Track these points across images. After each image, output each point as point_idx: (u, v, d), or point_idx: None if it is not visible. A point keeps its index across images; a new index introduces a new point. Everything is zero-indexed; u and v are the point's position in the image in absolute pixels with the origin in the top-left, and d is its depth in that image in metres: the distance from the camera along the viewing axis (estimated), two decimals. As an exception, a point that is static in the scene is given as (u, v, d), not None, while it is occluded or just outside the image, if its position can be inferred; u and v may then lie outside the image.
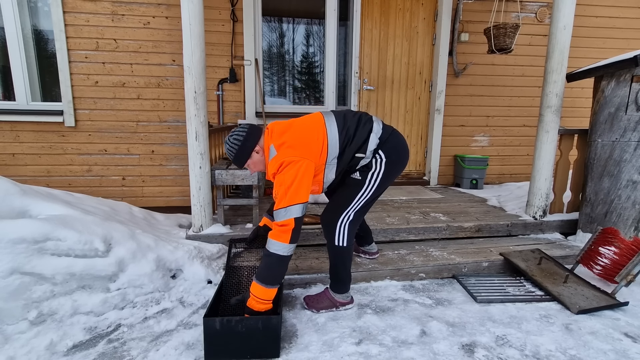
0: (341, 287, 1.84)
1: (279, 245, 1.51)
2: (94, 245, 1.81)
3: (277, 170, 1.55)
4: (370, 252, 2.30)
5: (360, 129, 1.69)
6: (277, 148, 1.59)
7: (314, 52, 4.03)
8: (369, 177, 1.72)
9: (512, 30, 3.34)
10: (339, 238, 1.74)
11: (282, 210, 1.50)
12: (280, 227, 1.50)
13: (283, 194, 1.50)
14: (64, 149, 3.51)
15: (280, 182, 1.53)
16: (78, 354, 1.51)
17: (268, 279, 1.51)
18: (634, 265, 1.94)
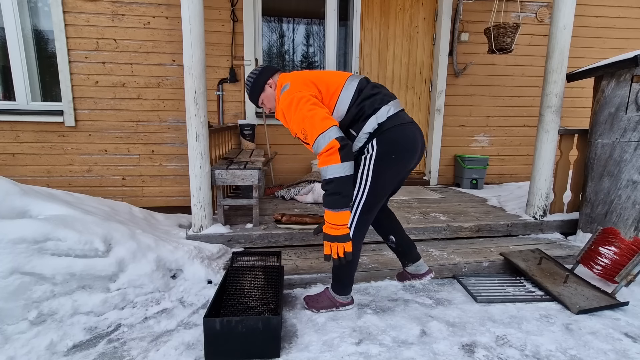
0: (342, 289, 1.81)
1: (333, 168, 1.42)
2: (94, 245, 1.81)
3: (289, 104, 1.51)
4: (419, 273, 1.93)
5: (368, 105, 1.56)
6: (291, 82, 1.58)
7: (314, 52, 4.03)
8: (360, 171, 1.60)
9: (512, 30, 3.34)
10: None
11: (320, 137, 1.42)
12: (325, 153, 1.41)
13: (310, 125, 1.44)
14: (64, 149, 3.51)
15: (300, 118, 1.47)
16: (78, 354, 1.51)
17: (336, 203, 1.44)
18: (634, 265, 1.94)
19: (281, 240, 2.50)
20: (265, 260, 2.08)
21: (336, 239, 1.48)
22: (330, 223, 1.48)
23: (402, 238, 1.89)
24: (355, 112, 1.57)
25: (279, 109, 1.59)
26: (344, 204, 1.45)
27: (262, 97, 1.70)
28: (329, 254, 1.52)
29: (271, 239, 2.49)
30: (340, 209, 1.45)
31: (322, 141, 1.41)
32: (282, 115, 1.60)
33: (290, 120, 1.53)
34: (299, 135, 1.52)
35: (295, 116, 1.49)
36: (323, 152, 1.42)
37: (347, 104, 1.58)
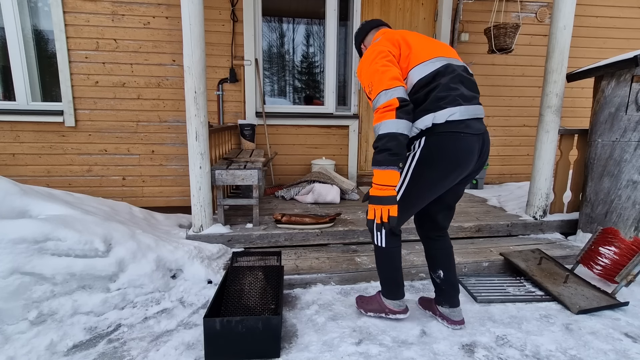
0: (387, 291, 1.70)
1: (386, 124, 1.33)
2: (94, 245, 1.81)
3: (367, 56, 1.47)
4: (452, 319, 1.70)
5: (434, 97, 1.41)
6: (383, 36, 1.54)
7: (314, 52, 4.03)
8: (406, 166, 1.49)
9: (512, 30, 3.34)
10: (376, 236, 1.59)
11: (382, 93, 1.35)
12: (382, 109, 1.34)
13: (379, 80, 1.38)
14: (64, 149, 3.51)
15: (372, 70, 1.41)
16: (78, 354, 1.51)
17: (384, 160, 1.34)
18: (634, 265, 1.94)
19: (281, 240, 2.50)
20: (265, 260, 2.08)
21: (381, 201, 1.37)
22: (377, 183, 1.38)
23: (451, 278, 1.69)
24: (420, 98, 1.43)
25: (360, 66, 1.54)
26: (392, 162, 1.34)
27: (365, 44, 1.74)
28: (372, 219, 1.41)
29: (271, 239, 2.49)
30: (388, 166, 1.34)
31: (383, 97, 1.35)
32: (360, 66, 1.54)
33: (363, 71, 1.48)
34: (365, 88, 1.46)
35: (369, 68, 1.44)
36: (380, 107, 1.35)
37: (414, 82, 1.45)
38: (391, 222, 1.38)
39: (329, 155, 3.97)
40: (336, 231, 2.54)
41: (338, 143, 3.99)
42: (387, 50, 1.46)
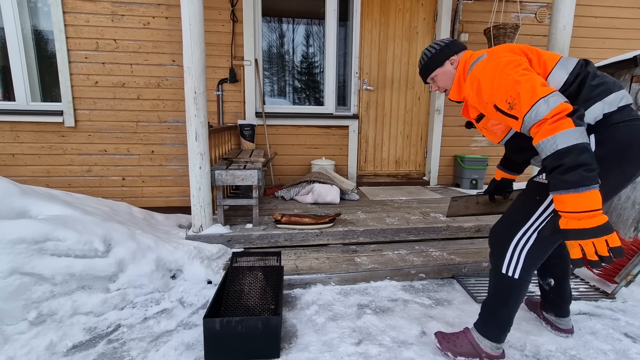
0: (494, 332, 1.39)
1: (567, 134, 1.05)
2: (93, 245, 1.81)
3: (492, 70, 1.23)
4: (559, 327, 1.62)
5: (592, 86, 1.20)
6: (490, 52, 1.31)
7: (313, 52, 4.03)
8: None
9: (512, 30, 3.34)
10: (509, 265, 1.31)
11: (541, 101, 1.09)
12: (551, 119, 1.08)
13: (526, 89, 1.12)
14: (63, 149, 3.51)
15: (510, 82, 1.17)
16: (78, 355, 1.51)
17: (582, 180, 1.03)
18: (634, 266, 1.94)
19: (281, 240, 2.50)
20: (265, 261, 2.08)
21: (595, 233, 1.03)
22: (577, 211, 1.05)
23: (563, 287, 1.56)
24: (573, 91, 1.22)
25: (472, 81, 1.30)
26: (593, 179, 1.04)
27: (438, 73, 1.47)
28: (580, 258, 1.07)
29: (271, 239, 2.49)
30: (589, 186, 1.03)
31: (543, 106, 1.08)
32: (472, 88, 1.29)
33: (491, 88, 1.21)
34: (502, 105, 1.19)
35: (502, 81, 1.18)
36: (548, 117, 1.08)
37: (564, 78, 1.24)
38: (617, 254, 1.04)
39: (328, 156, 3.97)
40: (336, 231, 2.54)
41: (338, 143, 3.99)
42: (518, 58, 1.24)
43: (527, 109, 1.12)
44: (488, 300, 1.41)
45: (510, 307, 1.35)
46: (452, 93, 1.47)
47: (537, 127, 1.11)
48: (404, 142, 4.22)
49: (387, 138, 4.18)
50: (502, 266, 1.32)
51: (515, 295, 1.33)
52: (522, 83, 1.14)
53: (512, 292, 1.33)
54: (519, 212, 1.34)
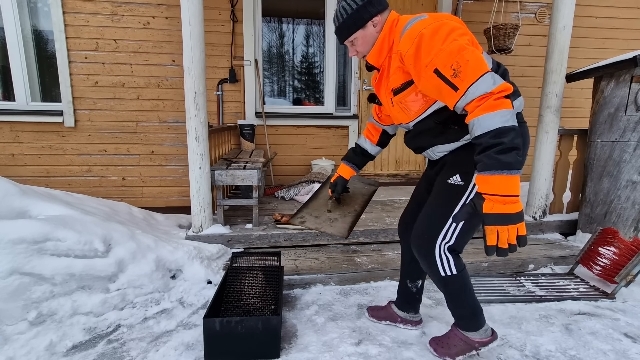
0: (471, 323, 1.41)
1: (508, 114, 1.02)
2: (93, 245, 1.81)
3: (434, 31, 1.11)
4: (414, 320, 1.70)
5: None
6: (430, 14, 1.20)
7: (313, 52, 4.03)
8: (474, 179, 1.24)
9: (512, 30, 3.34)
10: (443, 267, 1.32)
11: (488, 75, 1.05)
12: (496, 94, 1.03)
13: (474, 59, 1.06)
14: (63, 149, 3.51)
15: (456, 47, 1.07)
16: (77, 355, 1.50)
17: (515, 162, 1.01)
18: (634, 266, 1.94)
19: (281, 240, 2.50)
20: (265, 261, 2.08)
21: (511, 219, 1.02)
22: (504, 195, 1.02)
23: (423, 285, 1.64)
24: None
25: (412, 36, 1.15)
26: (521, 164, 1.07)
27: (358, 35, 1.28)
28: (494, 245, 1.05)
29: (271, 239, 2.49)
30: (519, 170, 1.03)
31: (490, 80, 1.04)
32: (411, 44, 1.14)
33: (435, 49, 1.09)
34: (446, 69, 1.08)
35: (448, 44, 1.08)
36: (494, 92, 1.03)
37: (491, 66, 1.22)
38: (522, 242, 1.05)
39: (328, 156, 3.97)
40: (336, 231, 2.54)
41: (338, 143, 3.99)
42: (463, 28, 1.17)
43: (474, 80, 1.05)
44: (450, 303, 1.43)
45: (467, 295, 1.38)
46: (370, 56, 1.30)
47: (479, 101, 1.05)
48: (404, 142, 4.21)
49: (387, 138, 4.17)
50: (439, 271, 1.33)
51: (464, 284, 1.36)
52: (470, 52, 1.07)
53: (460, 285, 1.36)
54: (434, 216, 1.33)
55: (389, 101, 1.35)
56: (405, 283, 1.65)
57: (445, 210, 1.29)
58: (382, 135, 1.65)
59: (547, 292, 2.02)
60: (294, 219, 1.61)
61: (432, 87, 1.15)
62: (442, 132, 1.27)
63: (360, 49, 1.33)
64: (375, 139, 1.66)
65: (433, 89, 1.15)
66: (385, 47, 1.27)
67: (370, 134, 1.67)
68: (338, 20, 1.30)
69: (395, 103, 1.32)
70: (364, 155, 1.68)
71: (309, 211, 1.68)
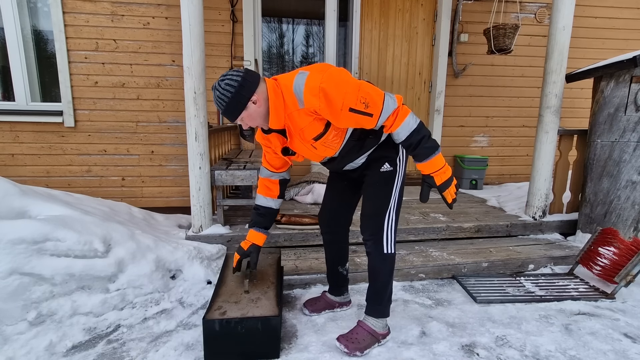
0: (386, 309, 1.59)
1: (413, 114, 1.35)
2: (93, 245, 1.81)
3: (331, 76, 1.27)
4: (347, 301, 1.90)
5: None
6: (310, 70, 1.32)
7: (313, 52, 4.03)
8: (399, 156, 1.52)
9: (512, 30, 3.34)
10: (387, 244, 1.51)
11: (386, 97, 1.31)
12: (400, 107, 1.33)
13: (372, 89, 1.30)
14: (63, 149, 3.51)
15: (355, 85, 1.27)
16: (77, 355, 1.50)
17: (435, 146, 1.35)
18: (634, 266, 1.94)
19: (281, 240, 2.50)
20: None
21: (451, 180, 1.39)
22: (441, 168, 1.36)
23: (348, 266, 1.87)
24: None
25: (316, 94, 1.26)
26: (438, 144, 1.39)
27: (243, 116, 1.34)
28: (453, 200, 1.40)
29: (271, 240, 2.49)
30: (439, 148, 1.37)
31: (391, 100, 1.31)
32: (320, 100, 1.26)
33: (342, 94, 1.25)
34: (358, 105, 1.27)
35: (347, 86, 1.27)
36: (398, 107, 1.32)
37: None
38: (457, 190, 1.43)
39: (328, 156, 3.96)
40: (336, 231, 2.54)
41: (338, 143, 3.98)
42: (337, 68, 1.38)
43: (381, 105, 1.29)
44: (380, 283, 1.55)
45: (392, 277, 1.58)
46: (272, 123, 1.35)
47: (393, 117, 1.32)
48: (404, 142, 4.21)
49: (387, 138, 4.17)
50: (384, 247, 1.50)
51: (394, 266, 1.57)
52: (364, 84, 1.29)
53: (394, 265, 1.56)
54: (378, 199, 1.51)
55: (308, 147, 1.45)
56: (337, 270, 1.81)
57: (387, 193, 1.51)
58: (280, 186, 1.66)
59: (546, 292, 2.02)
60: (211, 313, 1.45)
61: (352, 122, 1.32)
62: (362, 145, 1.48)
63: (252, 124, 1.39)
64: (276, 193, 1.66)
65: (352, 122, 1.33)
66: (281, 110, 1.33)
67: (268, 190, 1.65)
68: (220, 107, 1.33)
69: (318, 146, 1.44)
70: (270, 215, 1.67)
71: (225, 298, 1.57)
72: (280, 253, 2.04)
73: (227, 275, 1.79)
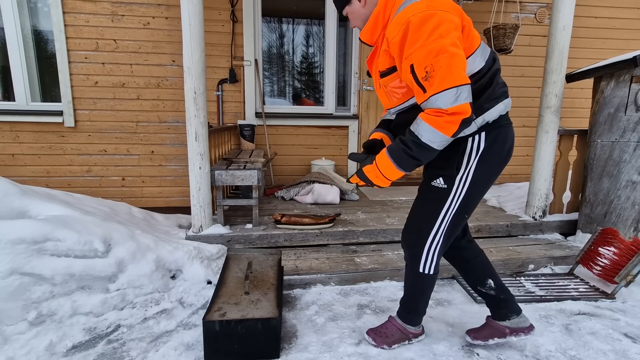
0: (416, 318, 1.54)
1: (439, 136, 1.11)
2: (93, 245, 1.81)
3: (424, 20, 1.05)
4: (524, 327, 1.49)
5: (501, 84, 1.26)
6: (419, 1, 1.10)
7: (313, 52, 4.03)
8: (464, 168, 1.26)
9: (512, 30, 3.34)
10: (425, 264, 1.39)
11: (452, 90, 1.05)
12: (448, 114, 1.07)
13: (447, 66, 1.04)
14: (63, 149, 3.51)
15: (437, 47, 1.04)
16: (77, 355, 1.50)
17: (408, 166, 1.20)
18: (634, 266, 1.94)
19: (281, 240, 2.50)
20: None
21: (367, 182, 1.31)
22: (382, 172, 1.24)
23: (500, 280, 1.49)
24: (484, 84, 1.21)
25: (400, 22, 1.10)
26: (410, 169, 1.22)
27: (347, 11, 1.28)
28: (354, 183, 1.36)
29: (271, 240, 2.49)
30: (406, 170, 1.22)
31: (451, 97, 1.05)
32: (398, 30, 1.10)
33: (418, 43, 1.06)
34: (419, 70, 1.07)
35: (431, 41, 1.05)
36: (447, 111, 1.07)
37: (480, 65, 1.20)
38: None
39: (328, 156, 3.96)
40: (336, 232, 2.54)
41: (338, 143, 3.99)
42: (455, 21, 1.10)
43: (439, 90, 1.06)
44: (409, 297, 1.49)
45: (427, 297, 1.49)
46: (363, 33, 1.26)
47: (434, 112, 1.10)
48: (404, 142, 4.21)
49: (387, 138, 4.17)
50: (419, 266, 1.39)
51: (431, 286, 1.47)
52: (448, 57, 1.05)
53: (429, 286, 1.46)
54: (424, 214, 1.36)
55: (377, 82, 1.32)
56: (480, 291, 1.50)
57: (434, 210, 1.32)
58: None
59: (547, 292, 2.02)
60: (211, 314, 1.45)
61: (407, 80, 1.15)
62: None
63: (354, 23, 1.32)
64: None
65: (408, 81, 1.16)
66: (380, 24, 1.22)
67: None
68: None
69: (381, 85, 1.30)
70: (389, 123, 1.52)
71: (226, 300, 1.57)
72: (281, 254, 2.05)
73: (228, 276, 1.79)
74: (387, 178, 1.26)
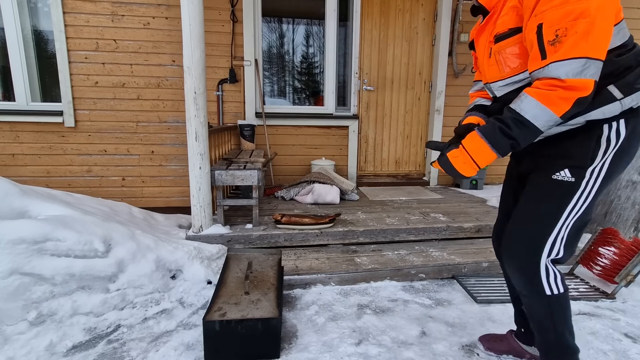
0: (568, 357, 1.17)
1: (545, 114, 0.93)
2: (93, 245, 1.81)
3: None
4: None
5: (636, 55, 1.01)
6: None
7: (313, 52, 4.03)
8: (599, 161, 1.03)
9: (512, 30, 3.34)
10: (549, 284, 1.11)
11: (577, 61, 0.88)
12: (565, 89, 0.90)
13: (583, 32, 0.87)
14: (63, 149, 3.51)
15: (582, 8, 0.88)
16: (78, 355, 1.50)
17: (499, 143, 1.01)
18: (634, 266, 1.94)
19: (281, 240, 2.50)
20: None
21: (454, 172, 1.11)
22: (472, 159, 1.06)
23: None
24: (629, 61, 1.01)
25: None
26: (507, 151, 1.03)
27: None
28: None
29: (271, 240, 2.49)
30: (500, 153, 1.03)
31: (577, 67, 0.88)
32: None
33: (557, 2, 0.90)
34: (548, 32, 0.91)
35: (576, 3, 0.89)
36: (564, 82, 0.90)
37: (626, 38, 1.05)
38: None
39: (328, 156, 3.97)
40: (336, 232, 2.54)
41: (338, 144, 3.99)
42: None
43: (563, 57, 0.89)
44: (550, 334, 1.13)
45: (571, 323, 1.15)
46: None
47: (545, 84, 0.93)
48: (404, 142, 4.22)
49: (387, 138, 4.18)
50: (544, 289, 1.11)
51: (569, 307, 1.14)
52: (588, 22, 0.88)
53: (567, 307, 1.14)
54: (537, 223, 1.10)
55: (486, 52, 1.15)
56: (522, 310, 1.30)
57: (551, 215, 1.07)
58: None
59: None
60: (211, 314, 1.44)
61: (528, 41, 0.98)
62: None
63: None
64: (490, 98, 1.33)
65: (528, 43, 0.98)
66: None
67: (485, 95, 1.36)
68: None
69: (493, 53, 1.12)
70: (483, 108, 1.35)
71: (226, 300, 1.57)
72: (281, 254, 2.05)
73: (228, 276, 1.79)
74: (476, 163, 1.05)
